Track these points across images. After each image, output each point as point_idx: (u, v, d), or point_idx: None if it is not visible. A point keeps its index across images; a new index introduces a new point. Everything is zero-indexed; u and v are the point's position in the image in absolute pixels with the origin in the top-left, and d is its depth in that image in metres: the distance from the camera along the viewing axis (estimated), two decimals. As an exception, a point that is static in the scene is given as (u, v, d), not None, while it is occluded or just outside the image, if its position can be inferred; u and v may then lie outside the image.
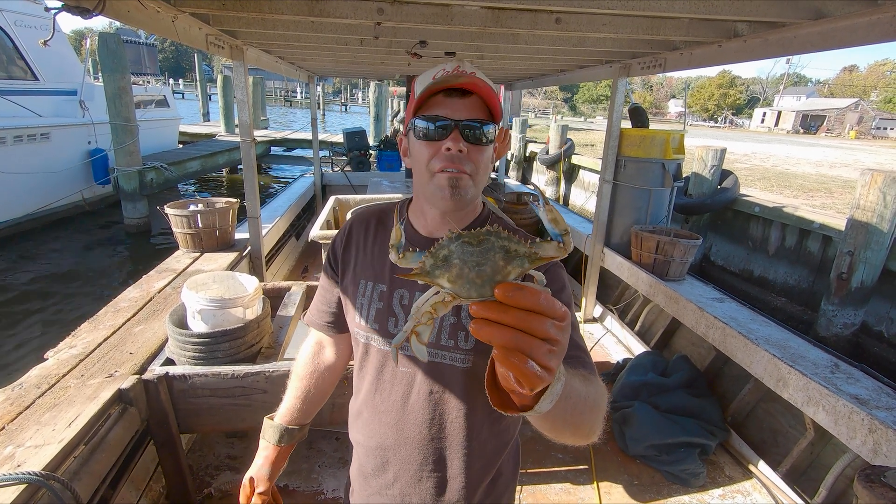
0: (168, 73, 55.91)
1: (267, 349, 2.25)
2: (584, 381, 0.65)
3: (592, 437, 0.68)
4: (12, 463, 1.43)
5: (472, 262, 0.47)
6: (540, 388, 0.44)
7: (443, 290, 0.49)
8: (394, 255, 0.52)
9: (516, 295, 0.42)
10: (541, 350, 0.42)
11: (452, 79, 0.79)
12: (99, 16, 1.68)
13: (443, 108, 0.80)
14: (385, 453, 0.92)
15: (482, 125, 0.80)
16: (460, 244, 0.48)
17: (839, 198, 7.56)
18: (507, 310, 0.42)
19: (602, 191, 3.92)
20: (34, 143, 8.19)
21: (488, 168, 0.85)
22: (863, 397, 2.01)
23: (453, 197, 0.80)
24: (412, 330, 0.51)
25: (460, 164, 0.79)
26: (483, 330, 0.42)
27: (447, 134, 0.79)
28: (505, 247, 0.47)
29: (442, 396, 0.87)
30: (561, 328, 0.44)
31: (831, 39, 1.90)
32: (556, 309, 0.43)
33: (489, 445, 0.90)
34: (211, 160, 11.58)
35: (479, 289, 0.46)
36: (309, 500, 2.19)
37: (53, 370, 1.96)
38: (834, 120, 42.73)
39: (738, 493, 2.38)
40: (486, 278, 0.46)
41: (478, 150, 0.81)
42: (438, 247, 0.49)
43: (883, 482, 1.50)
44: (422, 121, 0.81)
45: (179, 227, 3.41)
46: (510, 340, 0.41)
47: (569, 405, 0.56)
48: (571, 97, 69.02)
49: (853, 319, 4.70)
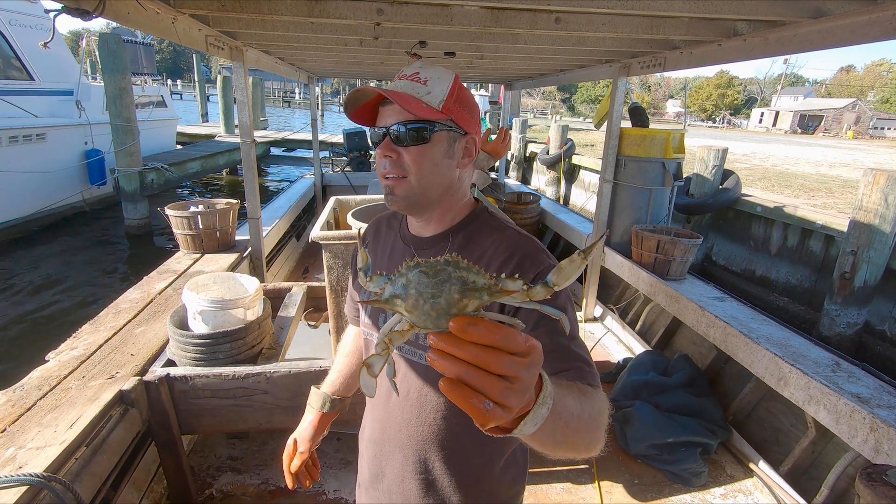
0: (166, 74, 55.91)
1: (268, 350, 2.25)
2: (581, 396, 0.62)
3: (592, 452, 0.65)
4: (14, 464, 1.43)
5: (427, 294, 0.45)
6: (493, 424, 0.42)
7: (403, 318, 0.48)
8: (361, 278, 0.52)
9: (469, 329, 0.40)
10: (495, 387, 0.40)
11: (361, 95, 0.83)
12: (99, 17, 1.68)
13: (380, 117, 0.85)
14: (375, 447, 0.95)
15: (407, 126, 0.80)
16: (417, 273, 0.46)
17: (840, 197, 7.56)
18: (462, 343, 0.40)
19: (602, 190, 3.92)
20: (30, 143, 8.14)
21: (438, 165, 0.83)
22: (864, 396, 2.01)
23: (392, 202, 0.85)
24: (364, 362, 0.49)
25: (392, 169, 0.83)
26: (437, 362, 0.41)
27: (381, 141, 0.83)
28: (462, 278, 0.45)
29: (423, 397, 0.87)
30: (524, 364, 0.41)
31: (831, 38, 1.90)
32: (516, 344, 0.41)
33: (479, 452, 0.89)
34: (211, 161, 11.58)
35: (434, 321, 0.45)
36: (310, 501, 2.19)
37: (54, 372, 1.96)
38: (831, 120, 42.70)
39: (740, 493, 2.38)
40: (441, 311, 0.44)
41: (412, 150, 0.82)
42: (398, 274, 0.48)
43: (885, 481, 1.49)
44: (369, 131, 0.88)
45: (180, 229, 3.41)
46: (461, 375, 0.40)
47: (559, 425, 0.54)
48: (570, 97, 69.01)
49: (856, 319, 4.69)
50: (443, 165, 0.84)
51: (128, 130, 8.10)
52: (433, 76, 0.84)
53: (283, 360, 2.33)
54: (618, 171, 3.95)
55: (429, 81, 0.83)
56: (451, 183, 0.87)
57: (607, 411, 0.68)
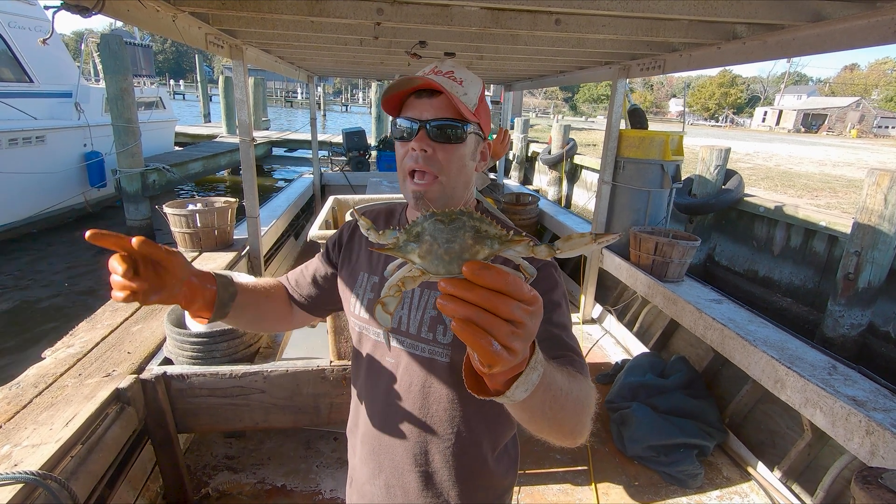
0: (168, 74, 55.96)
1: (265, 349, 2.25)
2: (570, 377, 0.64)
3: (578, 438, 0.67)
4: (9, 462, 1.43)
5: (442, 239, 0.48)
6: (499, 367, 0.45)
7: (414, 266, 0.51)
8: (373, 235, 0.54)
9: (482, 273, 0.42)
10: (502, 329, 0.43)
11: (406, 83, 0.82)
12: (98, 15, 1.68)
13: (413, 109, 0.84)
14: (373, 441, 0.94)
15: (450, 123, 0.81)
16: (433, 222, 0.50)
17: (844, 197, 7.54)
18: (473, 288, 0.42)
19: (601, 192, 3.92)
20: (30, 146, 8.13)
21: (464, 166, 0.86)
22: (860, 399, 2.01)
23: (418, 206, 0.85)
24: (379, 300, 0.52)
25: (426, 164, 0.82)
26: (448, 306, 0.43)
27: (414, 134, 0.82)
28: (476, 227, 0.48)
29: (424, 390, 0.88)
30: (528, 312, 0.44)
31: (830, 42, 1.90)
32: (522, 292, 0.44)
33: (477, 443, 0.90)
34: (213, 161, 11.57)
35: (446, 265, 0.48)
36: (307, 501, 2.19)
37: (51, 369, 1.96)
38: (835, 119, 42.64)
39: (736, 495, 2.38)
40: (455, 255, 0.47)
41: (445, 149, 0.83)
42: (413, 224, 0.52)
43: (880, 484, 1.49)
44: (395, 122, 0.85)
45: (178, 227, 3.41)
46: (471, 315, 0.42)
47: (548, 397, 0.56)
48: (572, 97, 69.02)
49: (860, 320, 4.68)
50: (468, 167, 0.87)
51: (129, 131, 8.08)
52: (467, 78, 0.85)
53: (281, 359, 2.33)
54: (616, 172, 3.95)
55: (464, 83, 0.84)
56: (469, 184, 0.89)
57: (594, 399, 0.70)
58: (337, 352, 2.14)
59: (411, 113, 0.83)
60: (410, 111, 0.84)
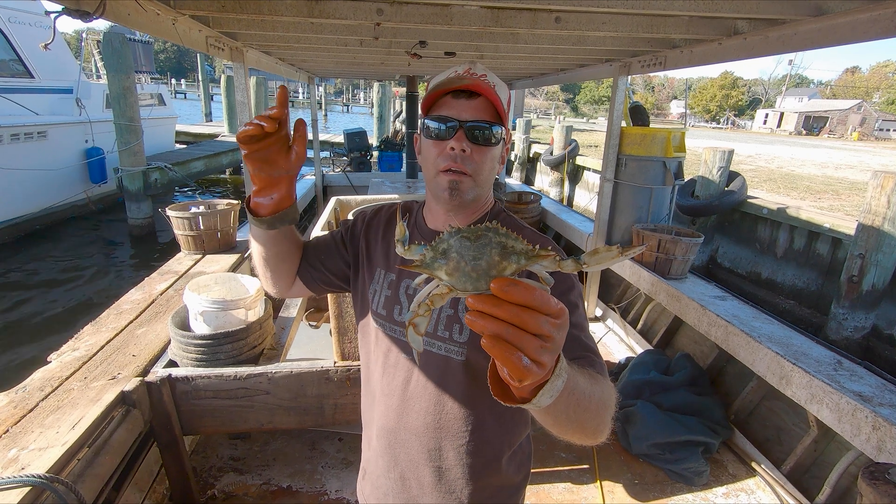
0: (170, 73, 56.03)
1: (269, 350, 2.26)
2: (591, 380, 0.65)
3: (600, 437, 0.68)
4: (16, 466, 1.43)
5: (469, 257, 0.48)
6: (529, 381, 0.45)
7: (441, 283, 0.51)
8: (399, 248, 0.55)
9: (510, 290, 0.43)
10: (531, 344, 0.43)
11: (457, 80, 0.83)
12: (99, 19, 1.69)
13: (450, 108, 0.84)
14: (389, 436, 0.95)
15: (488, 126, 0.83)
16: (459, 238, 0.50)
17: (847, 199, 7.51)
18: (501, 304, 0.43)
19: (603, 189, 3.92)
20: (31, 141, 8.15)
21: (493, 168, 0.89)
22: (866, 394, 2.01)
23: (452, 198, 0.85)
24: (410, 321, 0.53)
25: (463, 163, 0.83)
26: (477, 322, 0.43)
27: (453, 134, 0.83)
28: (502, 243, 0.48)
29: (440, 387, 0.89)
30: (556, 325, 0.45)
31: (832, 36, 1.90)
32: (550, 306, 0.44)
33: (491, 443, 0.91)
34: (215, 160, 11.59)
35: (474, 282, 0.48)
36: (312, 501, 2.19)
37: (56, 373, 1.97)
38: (836, 121, 42.42)
39: (742, 492, 2.38)
40: (482, 272, 0.47)
41: (481, 150, 0.84)
42: (439, 241, 0.51)
43: (887, 479, 1.49)
44: (430, 121, 0.85)
45: (181, 229, 3.42)
46: (501, 332, 0.43)
47: (572, 401, 0.57)
48: (573, 98, 68.90)
49: (864, 323, 4.65)
50: (495, 169, 0.90)
51: (132, 130, 8.10)
52: (497, 83, 0.87)
53: (285, 360, 2.34)
54: (618, 170, 3.94)
55: (496, 88, 0.85)
56: (492, 185, 0.92)
57: (615, 399, 0.71)
58: (341, 353, 2.15)
59: (447, 112, 0.84)
60: (446, 110, 0.84)
